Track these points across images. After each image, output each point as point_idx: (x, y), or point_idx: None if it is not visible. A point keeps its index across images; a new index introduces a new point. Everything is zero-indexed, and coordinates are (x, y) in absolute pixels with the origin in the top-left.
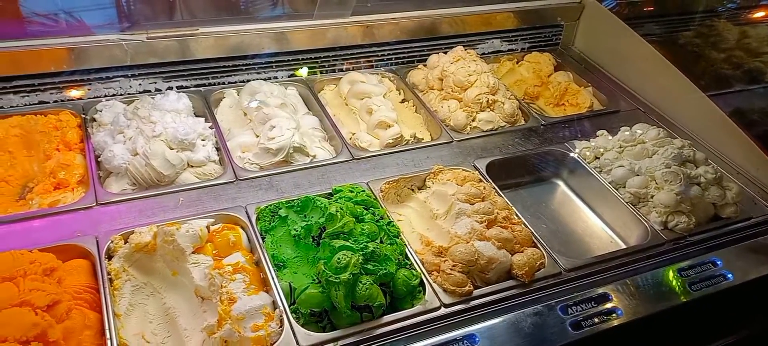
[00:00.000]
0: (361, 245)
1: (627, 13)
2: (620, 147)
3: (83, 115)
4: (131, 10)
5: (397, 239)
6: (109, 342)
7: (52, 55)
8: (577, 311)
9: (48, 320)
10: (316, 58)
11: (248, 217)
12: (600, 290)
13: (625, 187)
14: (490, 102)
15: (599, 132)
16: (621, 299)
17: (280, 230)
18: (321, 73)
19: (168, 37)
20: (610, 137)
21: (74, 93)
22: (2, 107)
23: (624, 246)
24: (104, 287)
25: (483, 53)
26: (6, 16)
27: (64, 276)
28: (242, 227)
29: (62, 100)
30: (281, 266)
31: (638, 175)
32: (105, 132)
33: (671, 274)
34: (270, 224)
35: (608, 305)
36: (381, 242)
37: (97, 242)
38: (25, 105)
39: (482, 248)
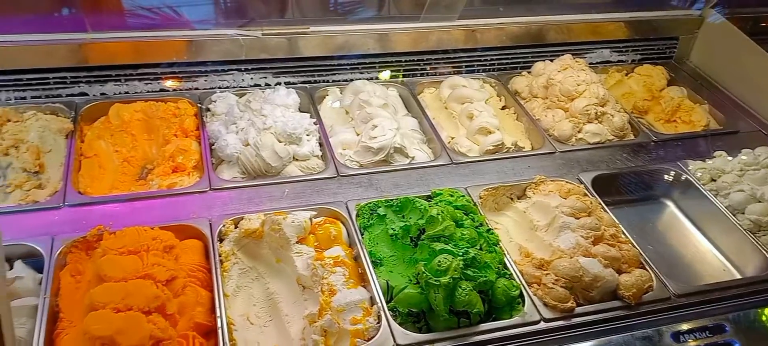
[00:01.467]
0: (462, 250)
1: (749, 28)
2: (741, 170)
3: (199, 105)
4: (248, 8)
5: (496, 248)
6: (219, 320)
7: (174, 46)
8: (689, 339)
9: (167, 294)
10: (418, 60)
11: (348, 212)
12: (714, 320)
13: (743, 213)
14: (599, 114)
15: (717, 153)
16: (737, 331)
17: (378, 228)
18: (406, 74)
19: (281, 35)
20: (730, 159)
21: (192, 83)
22: (127, 93)
23: (738, 276)
24: (216, 268)
25: (590, 63)
26: (134, 8)
27: (181, 254)
28: (342, 222)
29: (181, 89)
30: (377, 264)
31: (761, 201)
32: (219, 122)
33: None
34: (368, 221)
35: (724, 337)
36: (480, 248)
37: (210, 224)
38: (148, 92)
39: (587, 264)
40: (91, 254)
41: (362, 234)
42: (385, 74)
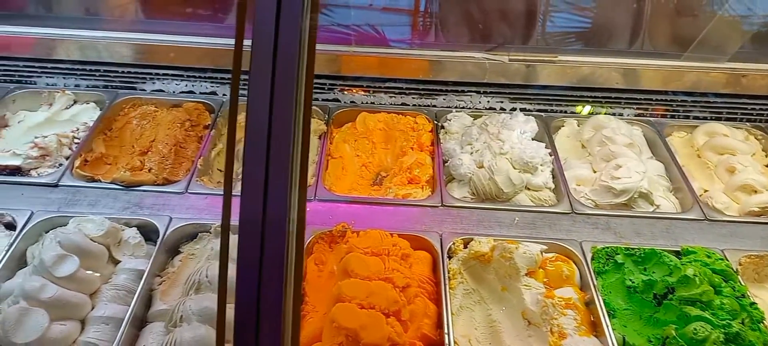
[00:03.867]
0: (723, 321)
1: None
2: None
3: (435, 122)
4: (495, 33)
5: (761, 325)
6: (446, 336)
7: (419, 64)
8: None
9: (403, 300)
10: (670, 100)
11: (583, 254)
12: None
13: None
14: None
15: None
16: None
17: (613, 277)
18: (653, 114)
19: (528, 61)
20: None
21: (431, 100)
22: (373, 103)
23: None
24: (445, 284)
25: None
26: (384, 26)
27: (414, 263)
28: (575, 263)
29: (420, 105)
30: (609, 315)
31: None
32: (454, 141)
33: None
34: (603, 267)
35: None
36: (742, 323)
37: (441, 240)
38: (391, 104)
39: None
40: (334, 247)
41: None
42: (584, 108)
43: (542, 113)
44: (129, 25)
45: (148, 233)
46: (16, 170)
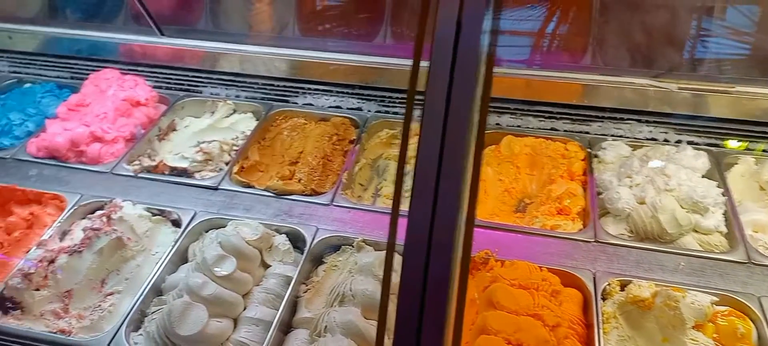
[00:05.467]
0: None
1: None
2: None
3: (588, 150)
4: (661, 58)
5: None
6: None
7: (570, 88)
8: None
9: (553, 340)
10: None
11: (762, 311)
12: None
13: None
14: None
15: None
16: None
17: None
18: None
19: (700, 91)
20: None
21: (584, 126)
22: (520, 127)
23: None
24: (598, 327)
25: None
26: (536, 47)
27: (564, 301)
28: (753, 320)
29: (571, 131)
30: None
31: None
32: (611, 172)
33: None
34: None
35: None
36: None
37: (594, 279)
38: (539, 129)
39: None
40: (475, 274)
41: None
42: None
43: (713, 148)
44: (285, 42)
45: (294, 241)
46: (182, 172)
